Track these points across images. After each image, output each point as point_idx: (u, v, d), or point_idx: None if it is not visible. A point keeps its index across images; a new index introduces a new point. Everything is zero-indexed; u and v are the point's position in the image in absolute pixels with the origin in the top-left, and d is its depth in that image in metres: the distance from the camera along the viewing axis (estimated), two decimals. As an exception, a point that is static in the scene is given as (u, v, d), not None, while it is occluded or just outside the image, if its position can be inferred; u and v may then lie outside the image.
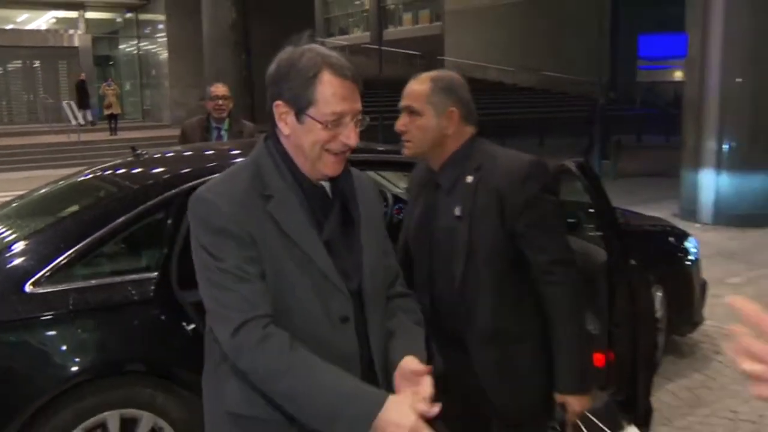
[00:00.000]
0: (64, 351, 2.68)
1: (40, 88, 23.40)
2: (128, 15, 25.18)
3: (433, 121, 2.00)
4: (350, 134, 1.50)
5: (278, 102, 1.51)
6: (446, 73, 2.09)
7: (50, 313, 2.63)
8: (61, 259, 2.69)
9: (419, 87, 2.03)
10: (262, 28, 17.32)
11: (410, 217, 2.20)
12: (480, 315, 2.01)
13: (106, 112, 20.07)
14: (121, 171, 3.42)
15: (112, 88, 20.57)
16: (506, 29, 27.23)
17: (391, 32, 33.96)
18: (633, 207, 6.19)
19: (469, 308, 2.02)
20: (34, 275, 2.64)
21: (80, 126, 17.89)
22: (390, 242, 1.76)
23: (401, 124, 2.04)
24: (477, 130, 2.08)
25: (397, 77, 6.21)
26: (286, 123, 1.51)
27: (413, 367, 1.50)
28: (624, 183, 11.69)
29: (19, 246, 2.84)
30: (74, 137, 17.53)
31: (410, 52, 29.35)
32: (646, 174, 13.01)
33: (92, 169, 3.57)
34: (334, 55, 1.50)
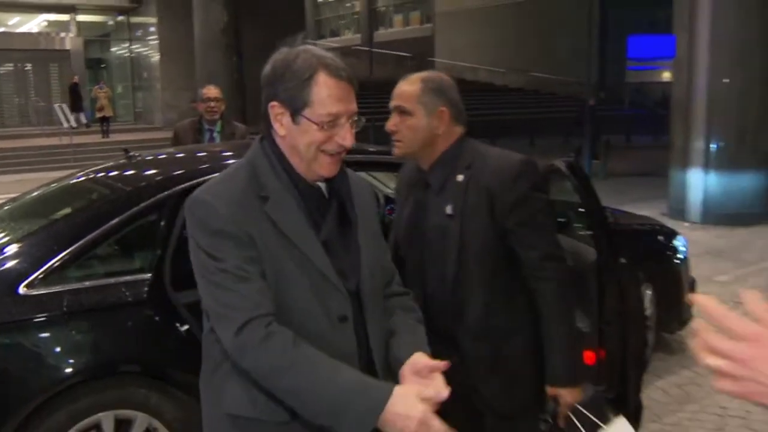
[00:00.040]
0: (58, 352, 2.69)
1: (32, 91, 23.24)
2: (120, 18, 25.04)
3: (424, 120, 2.02)
4: (346, 135, 1.50)
5: (274, 103, 1.51)
6: (436, 74, 2.11)
7: (44, 314, 2.64)
8: (54, 261, 2.70)
9: (410, 87, 2.05)
10: (253, 31, 17.31)
11: (400, 216, 2.22)
12: (471, 312, 2.04)
13: (98, 115, 19.99)
14: (114, 173, 3.42)
15: (103, 90, 20.45)
16: (496, 31, 27.29)
17: (381, 34, 33.94)
18: (622, 206, 6.26)
19: (461, 306, 2.04)
20: (27, 277, 2.64)
21: (73, 129, 17.77)
22: (385, 242, 1.77)
23: (392, 124, 2.06)
24: (466, 130, 2.11)
25: (387, 79, 6.22)
26: (282, 124, 1.51)
27: (428, 363, 1.49)
28: (613, 182, 11.77)
29: (13, 248, 2.85)
30: (66, 140, 17.41)
31: (401, 53, 29.30)
32: (635, 174, 13.09)
33: (85, 172, 3.58)
34: (330, 56, 1.50)
